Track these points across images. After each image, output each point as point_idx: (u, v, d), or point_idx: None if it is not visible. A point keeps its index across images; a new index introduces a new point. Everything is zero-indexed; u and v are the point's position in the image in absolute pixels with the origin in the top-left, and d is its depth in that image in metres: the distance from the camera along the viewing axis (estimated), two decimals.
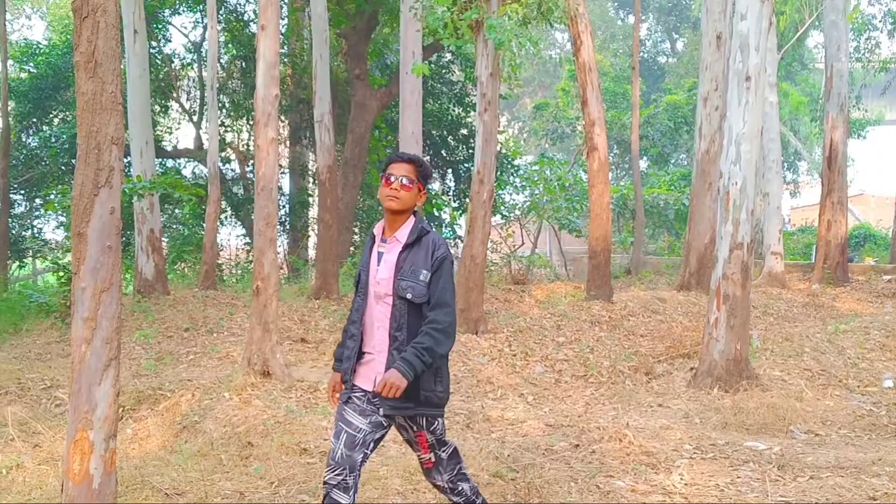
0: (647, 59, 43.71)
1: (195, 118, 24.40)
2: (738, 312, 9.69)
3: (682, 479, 6.30)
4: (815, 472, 6.42)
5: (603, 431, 7.67)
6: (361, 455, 4.23)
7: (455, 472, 4.65)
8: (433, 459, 4.58)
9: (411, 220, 4.50)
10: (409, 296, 4.29)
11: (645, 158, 31.57)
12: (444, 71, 24.14)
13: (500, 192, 22.26)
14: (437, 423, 4.49)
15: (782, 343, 11.54)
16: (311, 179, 24.20)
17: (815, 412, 8.78)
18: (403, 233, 4.45)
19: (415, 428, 4.46)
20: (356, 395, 4.41)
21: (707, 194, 15.54)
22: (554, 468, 6.64)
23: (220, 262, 19.91)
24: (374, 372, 4.37)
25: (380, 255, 4.50)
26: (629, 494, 6.03)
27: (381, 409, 4.30)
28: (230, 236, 25.76)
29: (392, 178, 4.42)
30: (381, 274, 4.42)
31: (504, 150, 24.73)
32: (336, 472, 4.19)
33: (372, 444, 4.31)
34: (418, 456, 4.62)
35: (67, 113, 23.13)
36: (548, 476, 6.37)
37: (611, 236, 14.78)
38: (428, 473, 4.69)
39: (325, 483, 4.22)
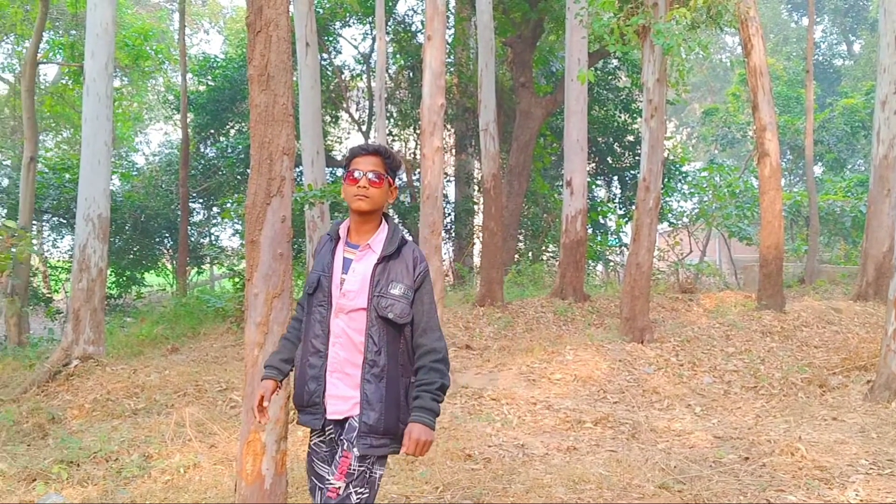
0: (822, 61, 42.29)
1: (364, 128, 24.87)
2: None
3: (856, 495, 6.05)
4: None
5: (774, 444, 7.45)
6: None
7: None
8: (340, 493, 3.67)
9: (384, 226, 3.93)
10: (390, 315, 3.70)
11: (820, 164, 30.56)
12: (609, 77, 23.91)
13: (666, 199, 21.92)
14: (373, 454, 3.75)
15: None
16: (475, 187, 24.32)
17: None
18: (378, 240, 3.86)
19: (345, 446, 3.70)
20: (317, 440, 3.87)
21: (885, 201, 14.90)
22: (722, 481, 6.49)
23: None
24: (329, 395, 3.76)
25: (347, 261, 3.87)
26: None
27: (355, 448, 3.66)
28: None
29: (357, 175, 3.81)
30: (350, 285, 3.80)
31: (671, 157, 24.30)
32: None
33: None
34: (326, 481, 3.79)
35: (243, 124, 23.94)
36: (716, 489, 6.23)
37: (783, 244, 14.33)
38: None
39: None
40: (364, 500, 3.72)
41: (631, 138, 24.03)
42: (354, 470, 3.68)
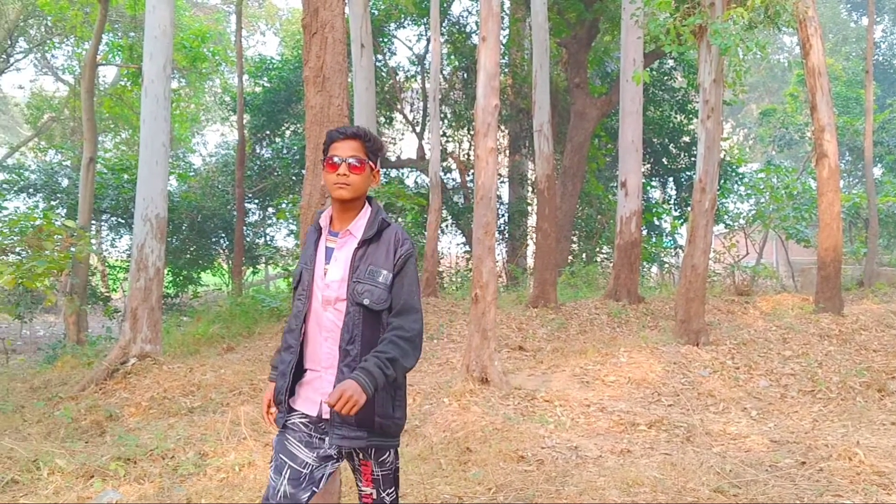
0: (883, 62, 41.61)
1: (418, 129, 24.93)
2: None
3: None
4: None
5: (831, 449, 7.34)
6: (308, 493, 3.56)
7: None
8: (374, 498, 3.74)
9: (367, 210, 3.75)
10: (366, 301, 3.53)
11: (879, 165, 30.07)
12: (665, 78, 23.76)
13: (723, 200, 21.72)
14: (388, 454, 3.71)
15: None
16: (529, 188, 24.29)
17: None
18: (359, 225, 3.69)
19: (361, 456, 3.69)
20: (299, 420, 3.68)
21: None
22: (778, 485, 6.41)
23: (440, 269, 20.27)
24: (319, 393, 3.62)
25: (329, 251, 3.72)
26: None
27: (327, 440, 3.59)
28: (450, 244, 26.20)
29: (336, 161, 3.64)
30: (332, 274, 3.64)
31: (728, 158, 24.08)
32: None
33: (322, 481, 3.62)
34: (358, 489, 3.80)
35: (298, 125, 24.13)
36: (771, 493, 6.16)
37: (841, 247, 14.13)
38: None
39: None
40: (393, 499, 3.76)
41: (687, 139, 23.86)
42: (378, 475, 3.69)
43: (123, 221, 22.31)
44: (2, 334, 20.42)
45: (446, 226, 24.03)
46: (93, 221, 20.06)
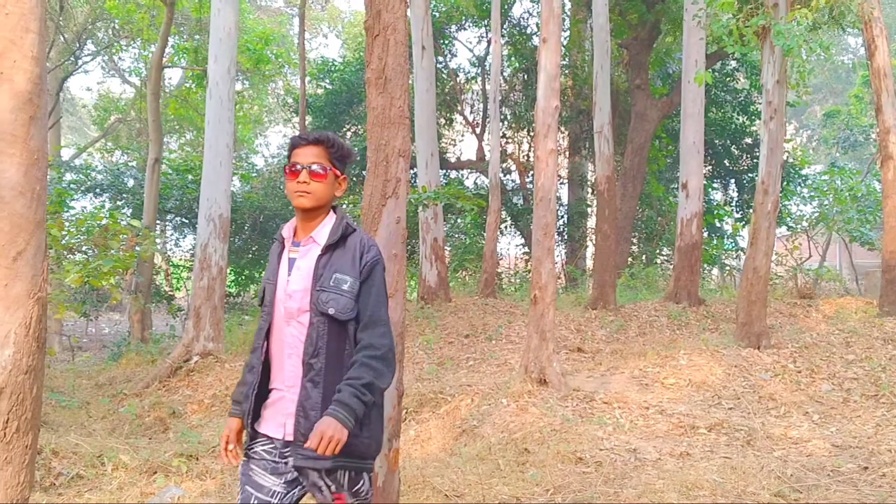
0: None
1: (478, 130, 24.94)
2: None
3: None
4: None
5: (894, 454, 7.25)
6: None
7: None
8: None
9: (331, 217, 3.57)
10: (331, 311, 3.33)
11: None
12: (727, 79, 23.52)
13: (785, 202, 21.45)
14: (362, 481, 3.43)
15: None
16: (589, 190, 24.18)
17: None
18: (322, 232, 3.50)
19: (333, 487, 3.36)
20: (263, 447, 3.48)
21: None
22: (840, 490, 6.35)
23: (499, 270, 20.29)
24: (284, 414, 3.41)
25: (291, 261, 3.52)
26: None
27: (289, 461, 3.39)
28: (510, 246, 26.17)
29: (298, 168, 3.45)
30: (294, 284, 3.45)
31: (791, 160, 23.77)
32: None
33: None
34: None
35: (359, 127, 24.26)
36: (833, 498, 6.11)
37: None
38: None
39: None
40: None
41: (749, 141, 23.59)
42: None
43: (187, 221, 22.63)
44: (68, 332, 20.85)
45: (505, 227, 24.01)
46: (157, 221, 20.36)
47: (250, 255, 24.01)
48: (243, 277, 24.02)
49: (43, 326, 3.44)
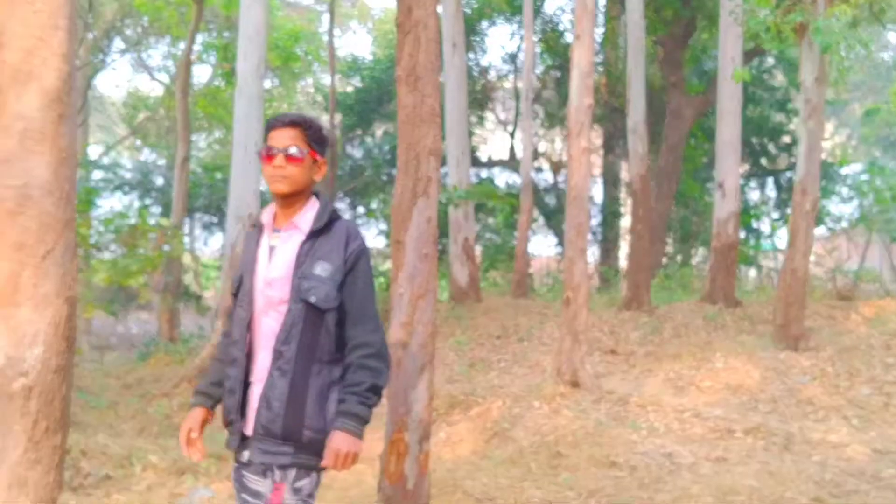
0: None
1: (509, 128, 24.87)
2: None
3: None
4: None
5: None
6: None
7: None
8: None
9: (314, 202, 3.37)
10: (312, 299, 3.14)
11: None
12: (764, 76, 23.31)
13: (824, 202, 21.20)
14: (306, 479, 3.20)
15: None
16: (623, 189, 24.06)
17: None
18: (305, 218, 3.30)
19: (276, 478, 3.17)
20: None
21: None
22: (880, 496, 6.23)
23: (531, 271, 20.16)
24: (252, 408, 3.24)
25: (272, 249, 3.33)
26: None
27: (246, 454, 3.26)
28: (541, 245, 26.08)
29: (273, 151, 3.26)
30: (274, 271, 3.26)
31: (830, 158, 23.54)
32: None
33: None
34: None
35: (389, 125, 24.26)
36: None
37: None
38: None
39: None
40: None
41: (787, 139, 23.40)
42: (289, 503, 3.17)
43: (216, 220, 22.70)
44: (96, 331, 20.94)
45: (537, 226, 23.94)
46: (186, 220, 20.43)
47: None
48: None
49: (72, 326, 3.43)
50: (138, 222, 10.40)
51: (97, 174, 20.83)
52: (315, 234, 3.24)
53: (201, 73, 33.26)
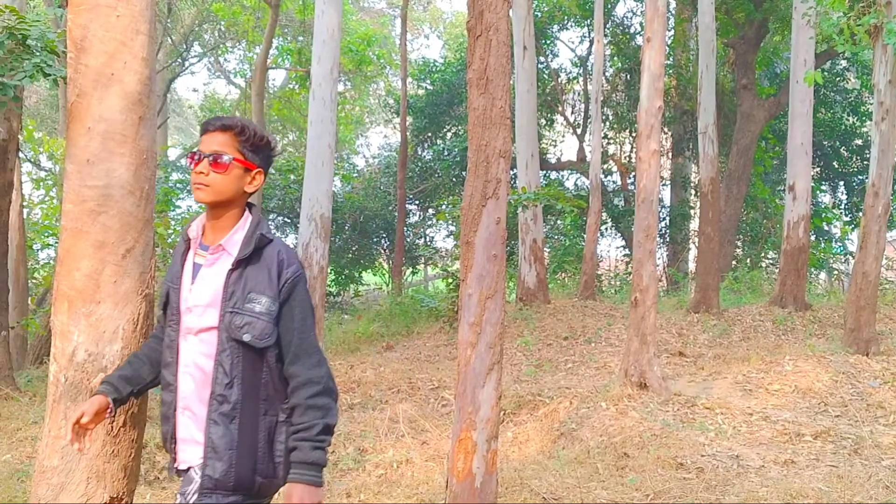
0: None
1: (579, 131, 24.81)
2: None
3: None
4: None
5: None
6: None
7: None
8: None
9: (245, 220, 3.08)
10: (246, 338, 2.88)
11: None
12: (837, 79, 22.98)
13: None
14: None
15: None
16: (692, 191, 23.86)
17: None
18: (234, 241, 3.02)
19: None
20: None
21: None
22: None
23: (599, 272, 20.12)
24: (183, 440, 3.01)
25: (196, 268, 3.05)
26: None
27: (188, 492, 2.93)
28: (610, 248, 25.97)
29: (199, 157, 2.99)
30: (197, 297, 2.98)
31: None
32: None
33: None
34: None
35: (459, 127, 24.34)
36: None
37: None
38: None
39: None
40: None
41: (859, 142, 23.04)
42: None
43: (289, 221, 22.98)
44: None
45: (606, 228, 23.83)
46: None
47: (350, 255, 24.27)
48: (343, 277, 24.29)
49: (150, 323, 3.54)
50: None
51: (175, 175, 21.19)
52: (243, 261, 2.97)
53: (276, 77, 33.75)
